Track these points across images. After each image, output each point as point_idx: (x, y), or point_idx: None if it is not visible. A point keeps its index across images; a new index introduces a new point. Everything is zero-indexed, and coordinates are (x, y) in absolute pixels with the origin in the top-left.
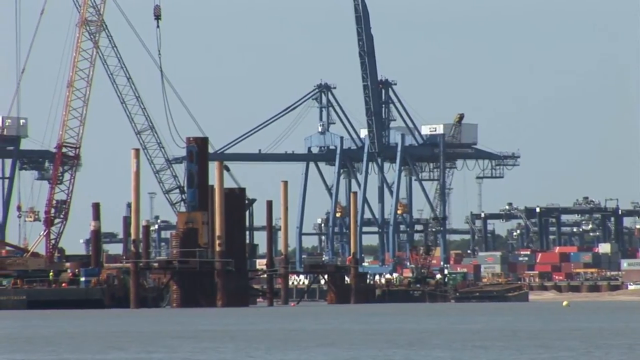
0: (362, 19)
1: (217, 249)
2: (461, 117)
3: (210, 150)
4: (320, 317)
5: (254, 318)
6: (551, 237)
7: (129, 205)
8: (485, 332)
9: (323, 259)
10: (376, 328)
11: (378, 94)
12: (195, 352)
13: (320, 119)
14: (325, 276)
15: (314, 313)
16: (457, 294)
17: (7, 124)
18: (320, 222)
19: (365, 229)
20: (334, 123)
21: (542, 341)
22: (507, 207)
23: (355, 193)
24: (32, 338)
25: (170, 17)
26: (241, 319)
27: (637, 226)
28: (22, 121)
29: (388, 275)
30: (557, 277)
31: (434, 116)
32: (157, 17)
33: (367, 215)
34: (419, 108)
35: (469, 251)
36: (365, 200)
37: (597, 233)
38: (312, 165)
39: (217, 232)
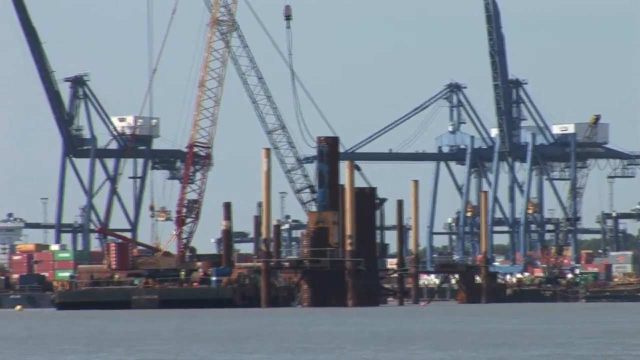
0: (493, 18)
1: (348, 248)
2: (597, 118)
3: (341, 150)
4: (470, 316)
5: (400, 318)
6: None
7: (259, 204)
8: None
9: (453, 258)
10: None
11: (508, 93)
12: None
13: (451, 118)
14: (456, 276)
15: (456, 312)
16: (588, 294)
17: (139, 124)
18: (450, 221)
19: (495, 228)
20: (465, 122)
21: None
22: (638, 206)
23: (485, 192)
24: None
25: (301, 17)
26: (378, 319)
27: None
28: (153, 121)
29: (519, 275)
30: None
31: (565, 115)
32: (288, 17)
33: (498, 214)
34: (549, 107)
35: (600, 251)
36: (495, 199)
37: None
38: (442, 164)
39: (348, 232)
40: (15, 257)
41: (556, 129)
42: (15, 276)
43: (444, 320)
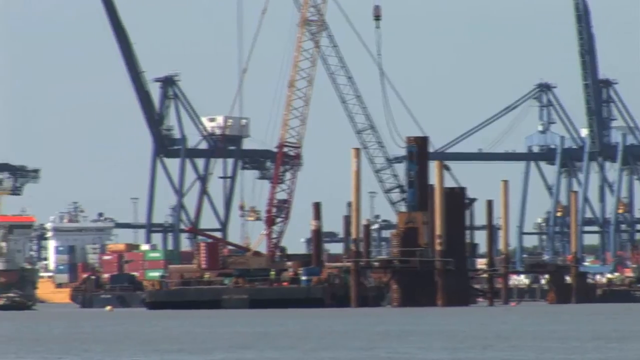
0: (583, 17)
1: (438, 248)
2: None
3: (431, 150)
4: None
5: (504, 318)
6: None
7: (349, 204)
8: None
9: (543, 258)
10: None
11: (599, 93)
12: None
13: (541, 118)
14: (546, 276)
15: (559, 313)
16: None
17: (229, 124)
18: (540, 221)
19: (585, 228)
20: (555, 122)
21: None
22: None
23: (575, 192)
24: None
25: (390, 16)
26: (472, 319)
27: None
28: (243, 121)
29: (609, 275)
30: None
31: None
32: (377, 17)
33: (588, 214)
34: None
35: None
36: (585, 199)
37: None
38: (532, 164)
39: (437, 232)
40: (106, 257)
41: None
42: (106, 276)
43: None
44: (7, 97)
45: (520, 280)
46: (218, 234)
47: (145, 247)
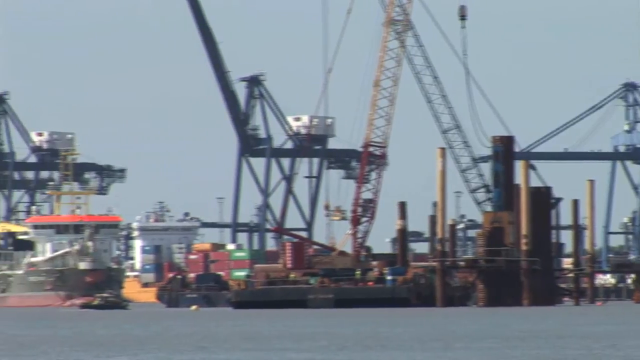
0: None
1: (523, 248)
2: None
3: (516, 149)
4: None
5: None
6: None
7: (434, 204)
8: None
9: (629, 258)
10: None
11: None
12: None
13: (627, 117)
14: (632, 275)
15: None
16: None
17: (314, 123)
18: (626, 221)
19: None
20: None
21: None
22: None
23: None
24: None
25: (476, 16)
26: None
27: None
28: (329, 120)
29: None
30: None
31: None
32: (463, 17)
33: None
34: None
35: None
36: None
37: None
38: (618, 163)
39: (523, 232)
40: (192, 257)
41: None
42: (192, 275)
43: None
44: (94, 98)
45: (606, 279)
46: (303, 234)
47: (231, 246)
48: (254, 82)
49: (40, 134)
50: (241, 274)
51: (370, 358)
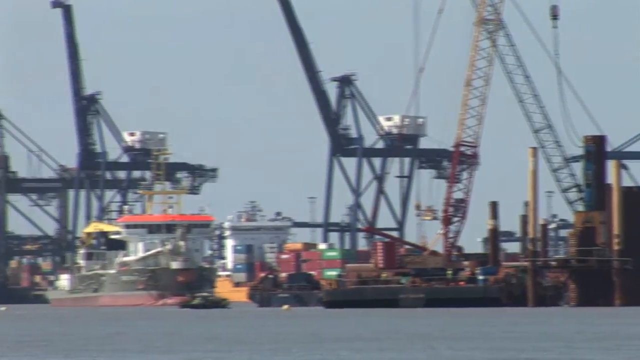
0: None
1: (615, 247)
2: None
3: (608, 149)
4: None
5: None
6: None
7: (526, 203)
8: None
9: None
10: None
11: None
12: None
13: None
14: None
15: None
16: None
17: (405, 123)
18: None
19: None
20: None
21: None
22: None
23: None
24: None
25: (568, 15)
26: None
27: None
28: (420, 120)
29: None
30: None
31: None
32: (555, 17)
33: None
34: None
35: None
36: None
37: None
38: None
39: (615, 231)
40: (284, 256)
41: None
42: (284, 275)
43: None
44: (186, 98)
45: None
46: (395, 233)
47: (322, 246)
48: (345, 82)
49: (132, 134)
50: (333, 273)
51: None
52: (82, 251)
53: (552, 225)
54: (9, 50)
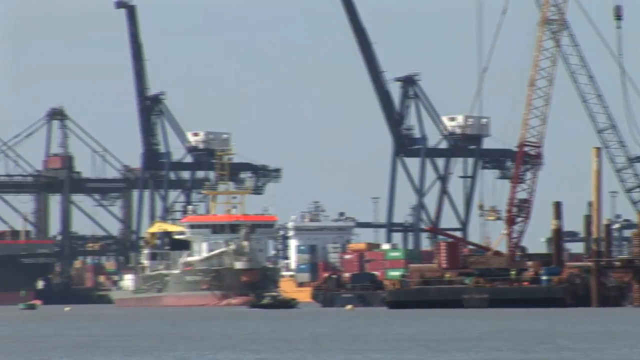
0: None
1: None
2: None
3: None
4: None
5: None
6: None
7: (589, 204)
8: None
9: None
10: None
11: None
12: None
13: None
14: None
15: None
16: None
17: (469, 123)
18: None
19: None
20: None
21: None
22: None
23: None
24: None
25: (631, 14)
26: None
27: None
28: (483, 120)
29: None
30: None
31: None
32: (618, 17)
33: None
34: None
35: None
36: None
37: None
38: None
39: None
40: (347, 256)
41: None
42: (347, 275)
43: None
44: (249, 99)
45: None
46: (458, 234)
47: (385, 246)
48: (408, 82)
49: (196, 134)
50: (396, 273)
51: None
52: (146, 251)
53: (616, 226)
54: (73, 51)
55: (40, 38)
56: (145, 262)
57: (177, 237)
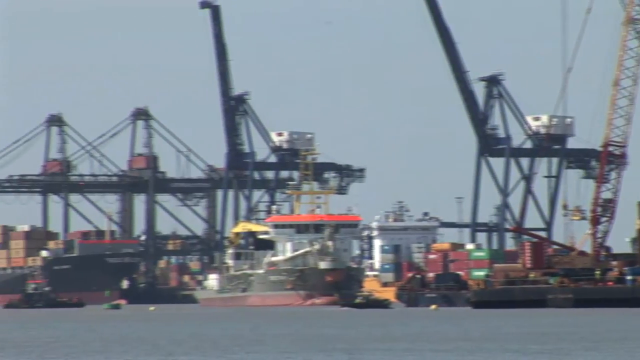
0: None
1: None
2: None
3: None
4: None
5: None
6: None
7: None
8: None
9: None
10: None
11: None
12: None
13: None
14: None
15: None
16: None
17: (553, 122)
18: None
19: None
20: None
21: None
22: None
23: None
24: None
25: None
26: None
27: None
28: (568, 120)
29: None
30: None
31: None
32: None
33: None
34: None
35: None
36: None
37: None
38: None
39: None
40: (431, 256)
41: None
42: (431, 275)
43: None
44: (332, 98)
45: None
46: (542, 234)
47: (470, 246)
48: (493, 81)
49: (280, 134)
50: (480, 273)
51: None
52: (230, 251)
53: None
54: (156, 51)
55: (125, 38)
56: (230, 261)
57: (261, 237)
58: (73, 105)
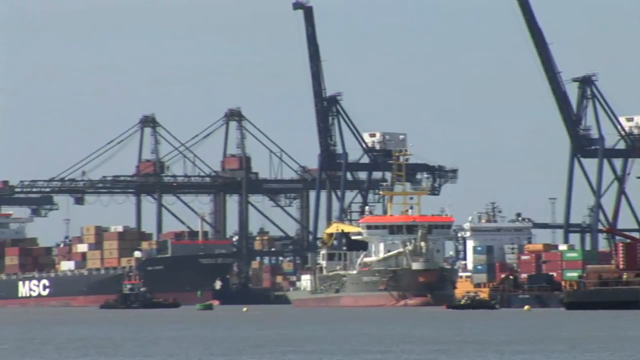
0: None
1: None
2: None
3: None
4: None
5: None
6: None
7: None
8: None
9: None
10: None
11: None
12: None
13: None
14: None
15: None
16: None
17: None
18: None
19: None
20: None
21: None
22: None
23: None
24: None
25: None
26: None
27: None
28: None
29: None
30: None
31: None
32: None
33: None
34: None
35: None
36: None
37: None
38: None
39: None
40: (524, 257)
41: None
42: (524, 276)
43: None
44: (425, 99)
45: None
46: (636, 234)
47: (563, 247)
48: (586, 82)
49: (372, 135)
50: (573, 274)
51: None
52: (323, 252)
53: None
54: (250, 52)
55: (220, 39)
56: (323, 262)
57: (354, 237)
58: (166, 106)
